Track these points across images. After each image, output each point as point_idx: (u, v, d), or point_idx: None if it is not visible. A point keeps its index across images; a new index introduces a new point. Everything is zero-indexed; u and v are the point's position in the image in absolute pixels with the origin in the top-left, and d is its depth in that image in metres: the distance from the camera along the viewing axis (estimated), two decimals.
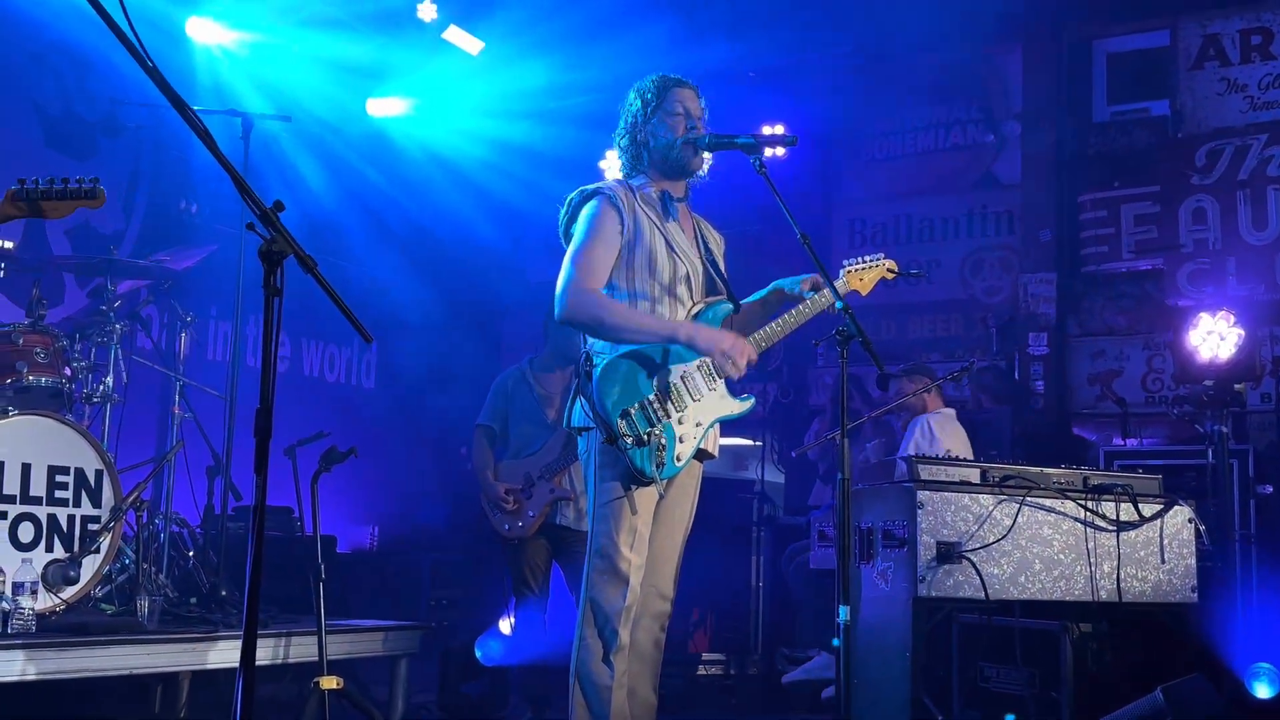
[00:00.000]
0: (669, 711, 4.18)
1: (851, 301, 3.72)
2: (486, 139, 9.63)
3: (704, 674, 7.33)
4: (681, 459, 3.84)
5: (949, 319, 9.48)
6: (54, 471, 4.81)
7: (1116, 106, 9.22)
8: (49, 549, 4.75)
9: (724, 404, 3.97)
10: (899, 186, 9.77)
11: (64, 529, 4.81)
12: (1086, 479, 4.90)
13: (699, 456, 3.97)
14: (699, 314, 3.99)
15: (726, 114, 4.57)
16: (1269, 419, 7.92)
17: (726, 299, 4.06)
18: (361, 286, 9.46)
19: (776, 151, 8.40)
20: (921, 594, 4.48)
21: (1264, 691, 4.97)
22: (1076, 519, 4.75)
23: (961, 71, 9.62)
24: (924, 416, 6.50)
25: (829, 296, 3.93)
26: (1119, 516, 4.80)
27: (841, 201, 9.98)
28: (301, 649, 4.98)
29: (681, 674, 7.14)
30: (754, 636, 7.67)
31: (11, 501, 4.67)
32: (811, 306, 4.03)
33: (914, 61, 9.63)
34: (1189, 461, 7.05)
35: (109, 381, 5.48)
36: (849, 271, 4.21)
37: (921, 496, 4.53)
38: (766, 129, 8.65)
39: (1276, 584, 6.56)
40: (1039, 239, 9.07)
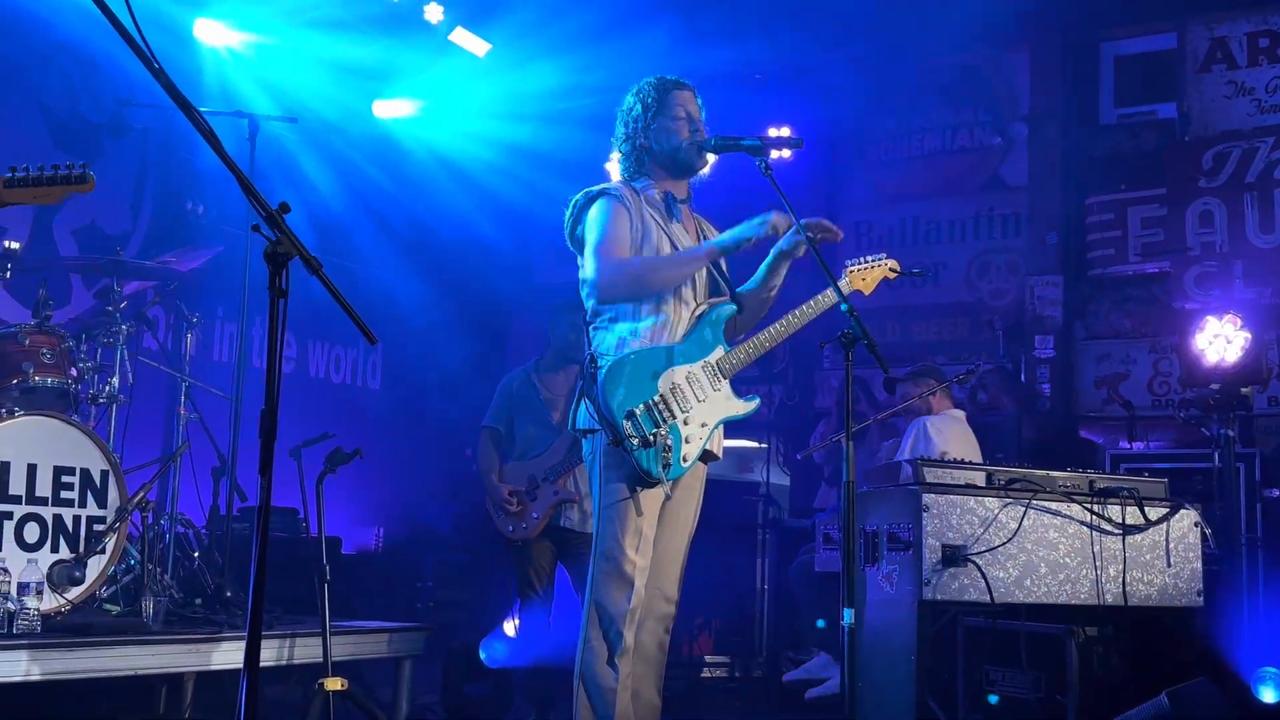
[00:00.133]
0: (673, 714, 4.17)
1: (855, 303, 3.72)
2: (492, 141, 9.64)
3: (708, 676, 7.32)
4: (687, 460, 3.84)
5: (955, 321, 9.46)
6: (60, 472, 4.81)
7: (1124, 109, 9.20)
8: (54, 549, 4.76)
9: (729, 405, 3.97)
10: (905, 189, 9.75)
11: (69, 529, 4.82)
12: (1092, 482, 4.89)
13: (704, 458, 3.97)
14: (702, 314, 3.99)
15: (732, 116, 4.57)
16: (1276, 422, 7.90)
17: (729, 299, 4.06)
18: (367, 288, 9.46)
19: (782, 154, 8.38)
20: (926, 597, 4.47)
21: (1269, 696, 4.96)
22: (1082, 522, 4.74)
23: (968, 74, 9.61)
24: (922, 419, 6.45)
25: (832, 297, 3.92)
26: (1125, 520, 4.79)
27: (847, 204, 9.96)
28: (306, 650, 4.98)
29: (685, 676, 7.13)
30: (758, 639, 7.66)
31: (17, 502, 4.67)
32: (814, 307, 4.03)
33: (921, 64, 9.62)
34: (1195, 465, 7.03)
35: (115, 382, 5.49)
36: (852, 271, 4.20)
37: (927, 499, 4.53)
38: (772, 131, 8.65)
39: None
40: (1046, 241, 9.05)
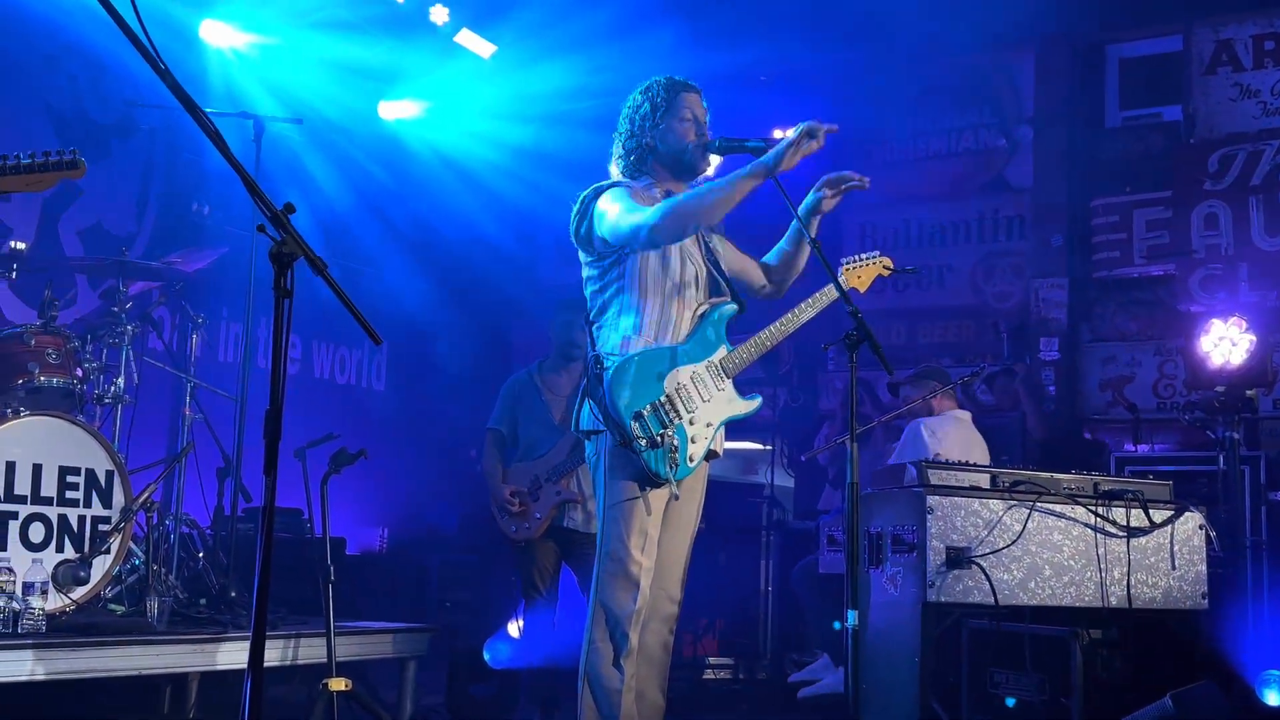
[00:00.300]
0: (676, 715, 4.17)
1: (857, 304, 3.73)
2: (497, 142, 9.65)
3: (712, 678, 7.32)
4: (693, 460, 3.85)
5: (960, 324, 9.45)
6: (65, 472, 4.82)
7: (1129, 111, 9.20)
8: (59, 549, 4.76)
9: (733, 404, 3.98)
10: (910, 191, 9.74)
11: (74, 529, 4.82)
12: (1097, 485, 4.89)
13: (706, 457, 3.98)
14: (705, 314, 4.00)
15: (737, 117, 4.57)
16: None
17: (730, 299, 4.07)
18: (371, 289, 9.46)
19: None
20: (931, 599, 4.47)
21: (1274, 698, 4.95)
22: (1087, 525, 4.74)
23: (974, 76, 9.61)
24: (917, 421, 6.42)
25: (830, 294, 4.07)
26: (1129, 522, 4.79)
27: (852, 205, 9.85)
28: (310, 650, 4.98)
29: (689, 678, 7.13)
30: (763, 641, 7.66)
31: (22, 502, 4.68)
32: (813, 305, 4.12)
33: (926, 66, 9.62)
34: (1200, 468, 7.02)
35: (120, 382, 5.50)
36: (847, 269, 4.26)
37: (931, 501, 4.53)
38: (777, 133, 8.60)
39: None
40: (1051, 244, 9.05)
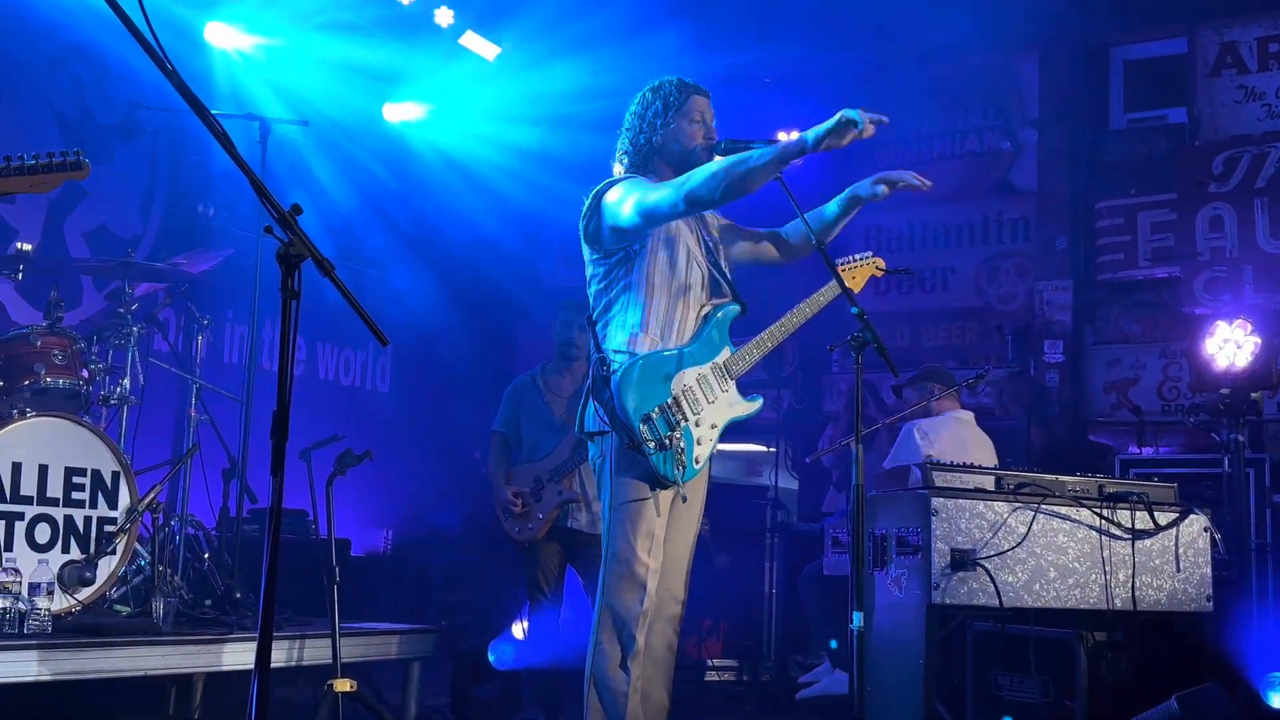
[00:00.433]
0: (680, 717, 4.16)
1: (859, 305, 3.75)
2: (502, 144, 9.66)
3: (716, 680, 7.32)
4: (699, 462, 3.85)
5: (964, 326, 9.45)
6: (71, 473, 4.82)
7: (1133, 114, 9.19)
8: (65, 550, 4.77)
9: (736, 406, 4.00)
10: (915, 193, 9.71)
11: (80, 530, 4.83)
12: (1102, 487, 4.88)
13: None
14: (708, 315, 4.00)
15: (742, 119, 4.58)
16: None
17: (733, 300, 4.08)
18: (375, 290, 9.48)
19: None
20: (935, 601, 4.47)
21: (1279, 701, 4.95)
22: (1092, 527, 4.74)
23: (978, 78, 9.61)
24: (912, 423, 6.39)
25: (828, 294, 4.16)
26: (1134, 525, 4.79)
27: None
28: (315, 652, 4.98)
29: (693, 680, 7.13)
30: (766, 643, 7.66)
31: (29, 502, 4.68)
32: (813, 305, 4.16)
33: (931, 68, 9.62)
34: (1205, 470, 7.02)
35: (126, 384, 5.50)
36: (842, 269, 4.32)
37: (936, 503, 4.52)
38: (781, 135, 8.62)
39: None
40: (1055, 246, 9.05)
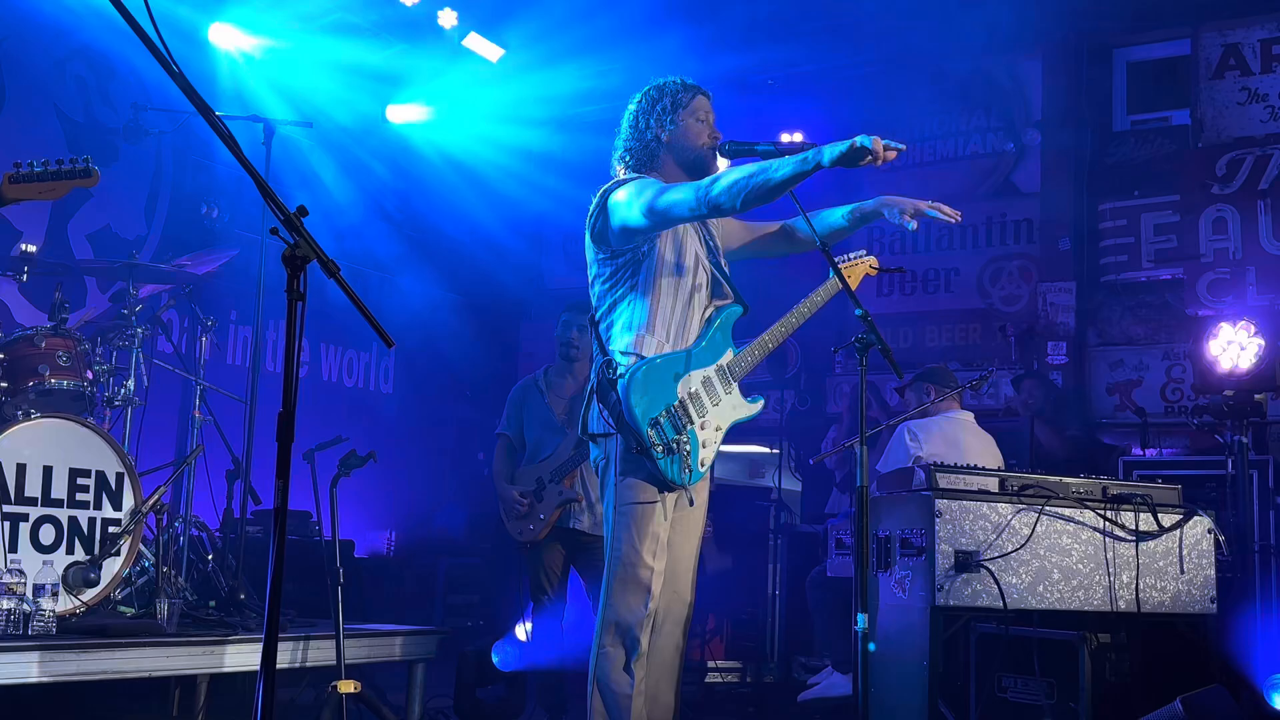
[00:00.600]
0: (683, 718, 4.16)
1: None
2: (505, 145, 9.67)
3: (720, 682, 7.32)
4: (704, 464, 3.86)
5: (968, 328, 9.45)
6: (75, 474, 4.83)
7: (1137, 115, 9.19)
8: (70, 551, 4.78)
9: (739, 408, 4.01)
10: (918, 194, 9.65)
11: (85, 531, 4.84)
12: (1105, 489, 4.88)
13: None
14: (711, 317, 4.01)
15: (746, 121, 4.58)
16: None
17: (735, 301, 4.08)
18: (379, 291, 9.50)
19: None
20: (939, 603, 4.46)
21: None
22: (1095, 529, 4.73)
23: (981, 80, 9.61)
24: (903, 425, 6.36)
25: (825, 294, 4.18)
26: (1138, 526, 4.78)
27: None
28: (319, 653, 4.99)
29: (696, 681, 7.13)
30: (770, 645, 7.65)
31: (33, 504, 4.69)
32: (811, 306, 4.17)
33: (934, 69, 9.62)
34: (1208, 472, 7.01)
35: (130, 385, 5.51)
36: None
37: (940, 505, 4.52)
38: (785, 136, 8.61)
39: None
40: (1058, 248, 9.04)
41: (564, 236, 10.57)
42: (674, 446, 3.73)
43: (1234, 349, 6.75)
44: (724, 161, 4.10)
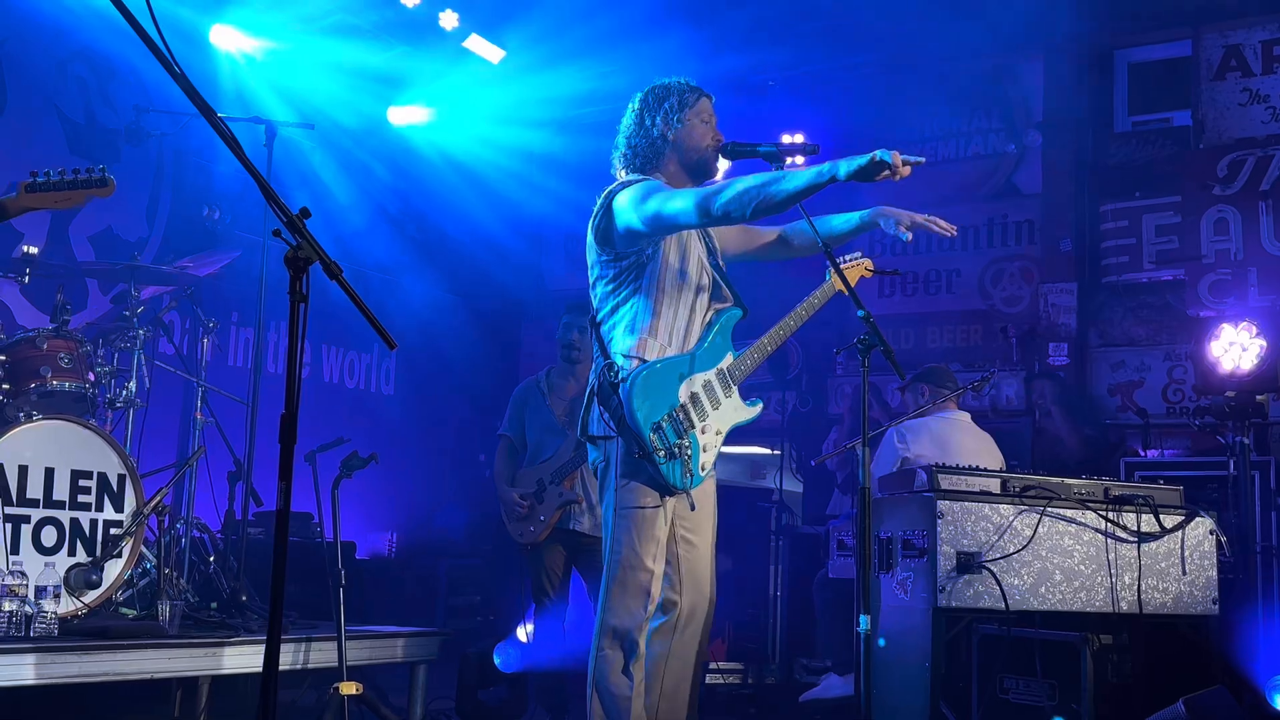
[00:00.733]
0: None
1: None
2: (507, 147, 9.68)
3: (721, 683, 7.31)
4: (705, 468, 3.86)
5: (969, 329, 9.45)
6: (77, 476, 4.83)
7: (1138, 116, 9.19)
8: (71, 553, 4.78)
9: (739, 411, 4.01)
10: (919, 196, 9.65)
11: (86, 533, 4.84)
12: (1107, 490, 4.88)
13: None
14: (711, 320, 4.00)
15: (747, 122, 4.59)
16: None
17: (735, 304, 4.08)
18: (380, 292, 9.50)
19: (797, 160, 8.36)
20: (941, 604, 4.46)
21: None
22: (1097, 530, 4.73)
23: (982, 81, 9.61)
24: (893, 427, 6.33)
25: (822, 296, 4.19)
26: (1140, 528, 4.78)
27: (861, 209, 9.92)
28: (321, 654, 4.98)
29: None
30: (772, 646, 7.64)
31: (35, 505, 4.70)
32: (809, 307, 4.18)
33: (935, 70, 9.62)
34: (1210, 473, 7.00)
35: (132, 386, 5.51)
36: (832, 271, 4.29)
37: (941, 506, 4.52)
38: (786, 138, 8.63)
39: None
40: (1060, 249, 9.04)
41: (565, 237, 10.58)
42: (676, 451, 3.72)
43: (1235, 350, 6.76)
44: (725, 163, 4.09)
